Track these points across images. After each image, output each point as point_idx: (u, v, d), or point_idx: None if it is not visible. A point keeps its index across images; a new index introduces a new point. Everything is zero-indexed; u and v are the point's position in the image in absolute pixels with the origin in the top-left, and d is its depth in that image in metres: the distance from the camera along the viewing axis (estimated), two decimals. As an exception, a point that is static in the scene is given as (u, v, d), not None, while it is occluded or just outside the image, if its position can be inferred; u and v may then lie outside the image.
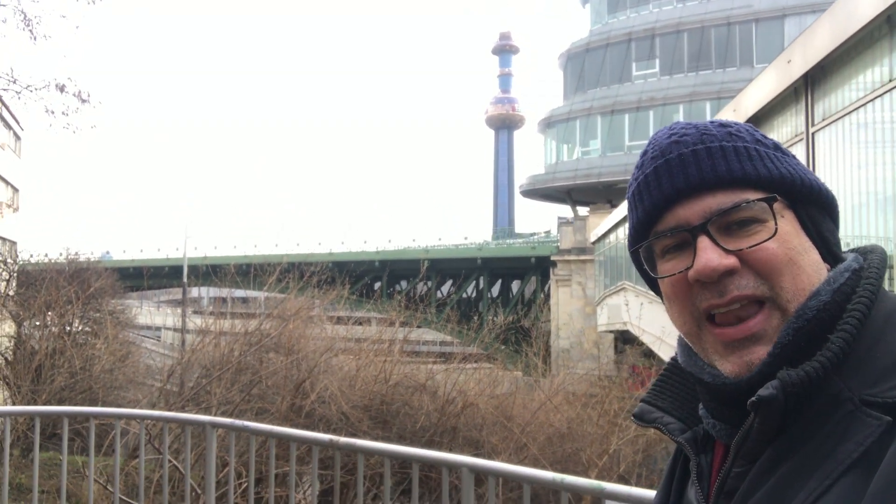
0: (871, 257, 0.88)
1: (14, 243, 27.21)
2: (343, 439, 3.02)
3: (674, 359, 0.98)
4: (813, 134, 7.70)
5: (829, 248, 0.88)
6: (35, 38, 8.60)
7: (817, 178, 0.90)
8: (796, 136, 8.20)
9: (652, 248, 0.90)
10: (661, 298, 0.92)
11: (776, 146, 0.90)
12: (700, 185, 0.85)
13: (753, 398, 0.77)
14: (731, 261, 0.82)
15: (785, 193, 0.85)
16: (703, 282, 0.83)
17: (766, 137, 0.91)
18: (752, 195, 0.84)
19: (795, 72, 7.79)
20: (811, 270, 0.84)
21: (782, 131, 8.78)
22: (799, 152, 8.11)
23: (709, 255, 0.82)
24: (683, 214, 0.86)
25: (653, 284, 0.94)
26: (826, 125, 7.42)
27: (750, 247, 0.82)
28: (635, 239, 0.92)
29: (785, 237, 0.83)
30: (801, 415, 0.78)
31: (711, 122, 0.91)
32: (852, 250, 0.92)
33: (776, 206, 0.84)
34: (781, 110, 8.75)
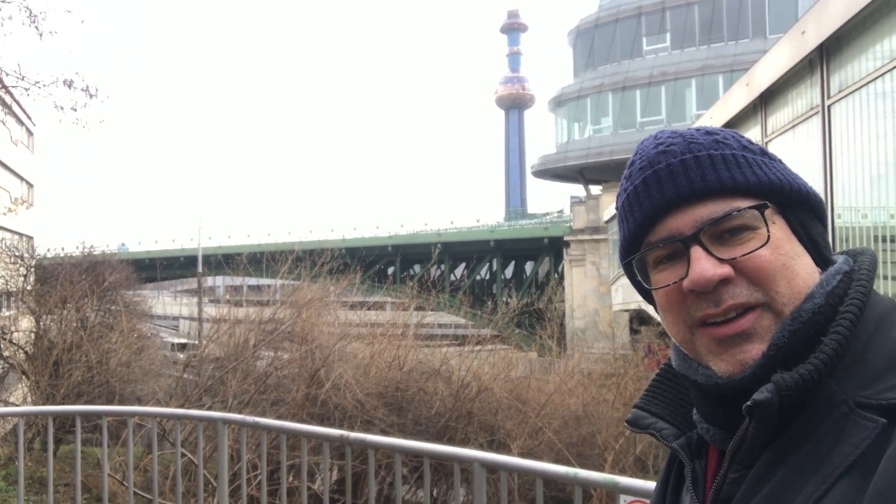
0: (862, 259, 0.88)
1: (31, 238, 27.51)
2: (353, 434, 2.99)
3: (667, 364, 0.97)
4: (829, 107, 7.52)
5: (819, 252, 0.88)
6: (41, 34, 8.58)
7: (805, 182, 0.90)
8: (811, 109, 8.01)
9: (644, 259, 0.90)
10: (655, 308, 0.91)
11: (763, 152, 0.90)
12: (690, 195, 0.85)
13: (749, 402, 0.77)
14: (726, 270, 0.82)
15: (775, 199, 0.85)
16: (698, 292, 0.83)
17: (752, 143, 0.91)
18: (743, 203, 0.84)
19: (810, 43, 7.59)
20: (805, 274, 0.84)
21: (797, 104, 8.59)
22: (814, 126, 7.93)
23: (703, 265, 0.82)
24: (675, 225, 0.85)
25: (646, 294, 0.93)
26: (842, 97, 7.23)
27: (743, 255, 0.82)
28: (627, 251, 0.92)
29: (777, 244, 0.83)
30: (796, 418, 0.77)
31: (697, 130, 0.90)
32: (842, 252, 0.91)
33: (767, 212, 0.84)
34: (796, 83, 8.55)
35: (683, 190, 0.85)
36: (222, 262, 15.69)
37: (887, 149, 6.76)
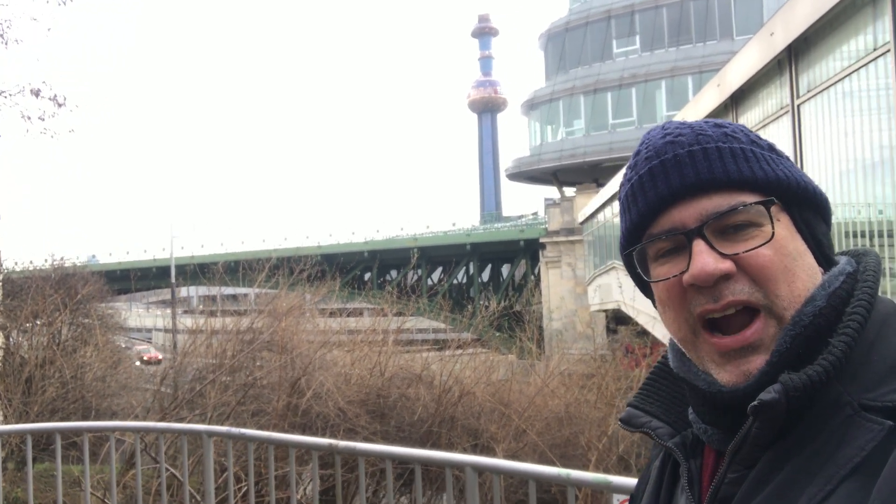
0: (867, 261, 0.87)
1: (-3, 252, 26.85)
2: (343, 443, 2.96)
3: (662, 361, 0.96)
4: (798, 106, 7.68)
5: (822, 251, 0.87)
6: (6, 43, 8.43)
7: (811, 180, 0.89)
8: (782, 108, 8.17)
9: (645, 252, 0.88)
10: (653, 303, 0.90)
11: (771, 147, 0.89)
12: (696, 187, 0.83)
13: (755, 402, 0.76)
14: (727, 265, 0.81)
15: (781, 196, 0.84)
16: (698, 286, 0.81)
17: (760, 139, 0.89)
18: (749, 198, 0.83)
19: (778, 44, 7.75)
20: (806, 276, 0.83)
21: (767, 104, 8.75)
22: (784, 125, 8.09)
23: (705, 259, 0.81)
24: (679, 217, 0.84)
25: (644, 288, 0.91)
26: (811, 97, 7.39)
27: (746, 251, 0.81)
28: (629, 241, 0.90)
29: (781, 241, 0.82)
30: (800, 420, 0.77)
31: (706, 122, 0.89)
32: (844, 253, 0.91)
33: (773, 209, 0.82)
34: (766, 83, 8.72)
35: (689, 181, 0.83)
36: (197, 271, 15.49)
37: (855, 146, 6.92)
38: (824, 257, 0.87)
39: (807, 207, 0.87)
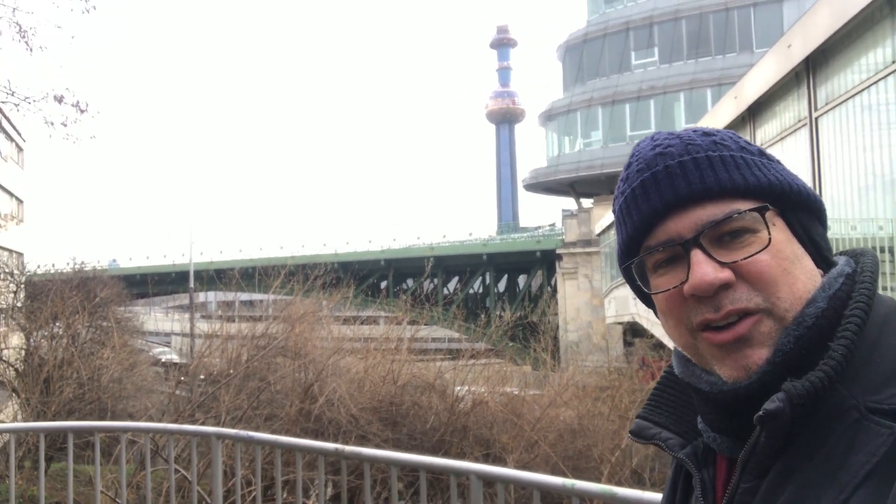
0: (864, 261, 0.87)
1: (21, 255, 27.35)
2: (349, 448, 2.98)
3: (668, 371, 0.96)
4: (816, 119, 7.60)
5: (820, 253, 0.87)
6: (31, 50, 8.60)
7: (805, 183, 0.89)
8: (799, 121, 8.10)
9: (643, 263, 0.89)
10: (655, 313, 0.90)
11: (761, 153, 0.89)
12: (689, 197, 0.84)
13: (760, 413, 0.75)
14: (727, 274, 0.80)
15: (774, 201, 0.84)
16: (699, 296, 0.81)
17: (750, 144, 0.89)
18: (743, 205, 0.82)
19: (796, 56, 7.69)
20: (806, 278, 0.83)
21: (785, 117, 8.68)
22: (802, 138, 8.01)
23: (704, 269, 0.80)
24: (674, 228, 0.84)
25: (645, 298, 0.92)
26: (829, 109, 7.32)
27: (744, 258, 0.81)
28: (626, 255, 0.90)
29: (778, 246, 0.82)
30: (807, 426, 0.76)
31: (695, 132, 0.89)
32: (841, 253, 0.90)
33: (768, 214, 0.82)
34: (783, 96, 8.65)
35: (682, 192, 0.83)
36: (214, 277, 15.64)
37: (874, 160, 6.84)
38: (823, 259, 0.87)
39: (802, 210, 0.87)
